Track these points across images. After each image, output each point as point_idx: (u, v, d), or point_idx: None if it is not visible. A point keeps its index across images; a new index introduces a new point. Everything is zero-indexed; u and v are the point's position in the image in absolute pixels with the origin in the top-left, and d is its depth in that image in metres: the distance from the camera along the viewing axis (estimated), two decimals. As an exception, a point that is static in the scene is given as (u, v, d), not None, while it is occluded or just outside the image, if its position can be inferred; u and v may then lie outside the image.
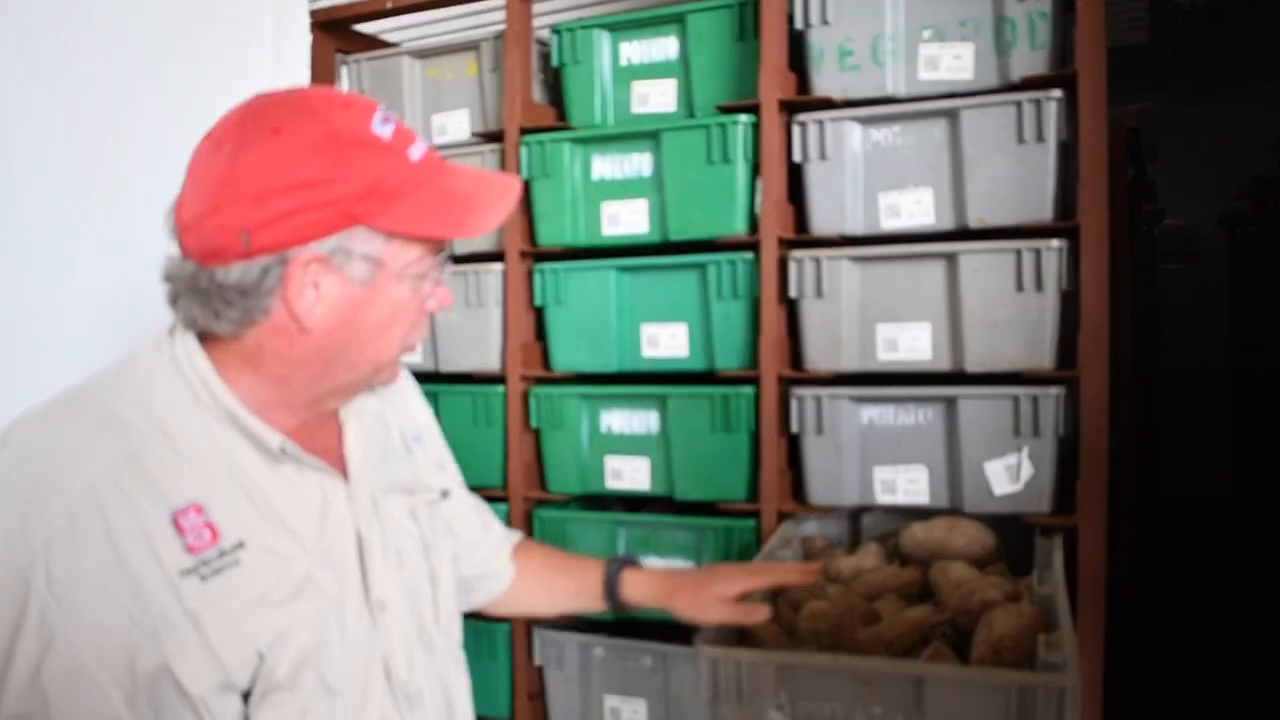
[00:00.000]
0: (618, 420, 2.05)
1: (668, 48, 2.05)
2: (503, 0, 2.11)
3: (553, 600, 1.41)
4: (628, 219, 2.02)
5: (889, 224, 1.82)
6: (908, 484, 1.81)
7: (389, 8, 2.30)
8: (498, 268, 2.13)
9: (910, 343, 1.80)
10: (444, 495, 1.18)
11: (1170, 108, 5.66)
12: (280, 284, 0.90)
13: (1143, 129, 3.43)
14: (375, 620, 1.01)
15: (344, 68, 2.41)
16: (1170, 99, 5.78)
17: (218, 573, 0.88)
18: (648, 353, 2.02)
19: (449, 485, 1.21)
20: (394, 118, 0.95)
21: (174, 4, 2.04)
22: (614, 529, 2.05)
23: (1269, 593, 3.87)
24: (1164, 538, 4.70)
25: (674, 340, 2.00)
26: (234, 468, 0.93)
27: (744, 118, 1.89)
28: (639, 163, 2.01)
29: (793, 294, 1.85)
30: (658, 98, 2.07)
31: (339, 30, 2.42)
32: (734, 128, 1.89)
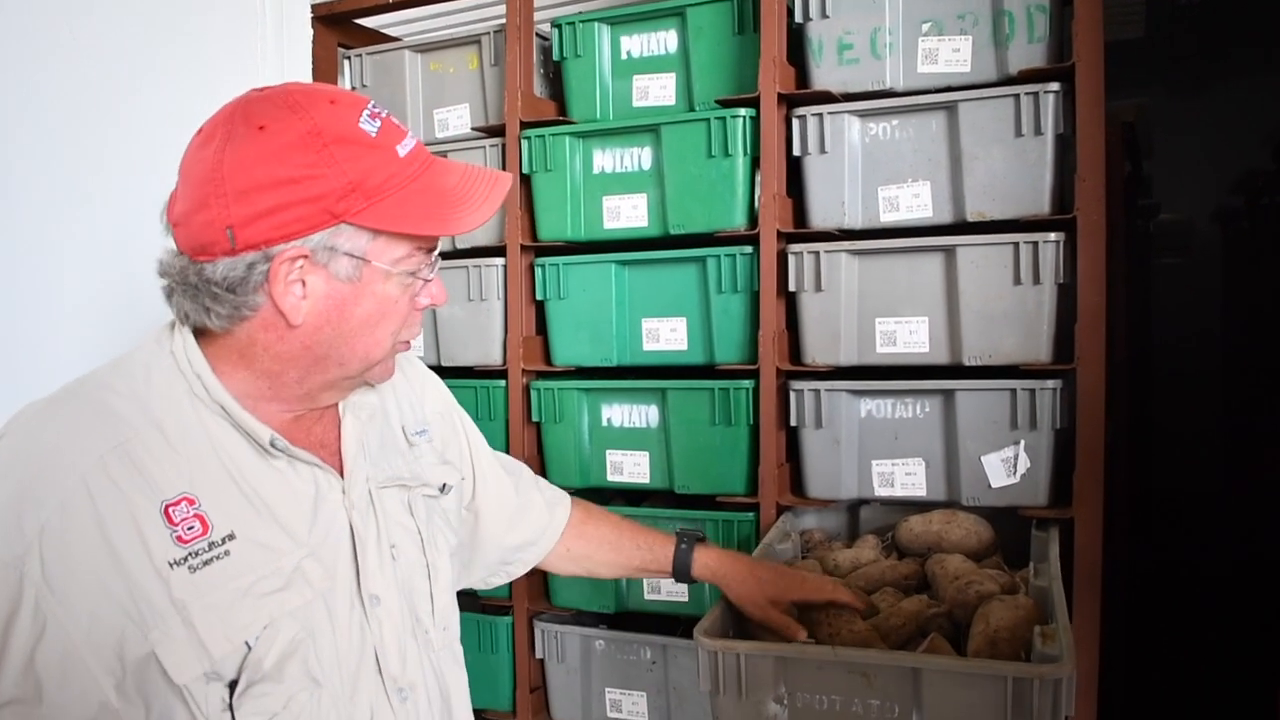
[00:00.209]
0: (618, 414, 2.06)
1: (667, 41, 2.05)
2: (503, -6, 2.11)
3: (620, 564, 1.47)
4: (628, 213, 2.03)
5: (888, 217, 1.83)
6: (905, 477, 1.82)
7: (390, 2, 2.30)
8: (499, 262, 2.13)
9: (908, 336, 1.81)
10: (443, 490, 1.19)
11: (1166, 102, 5.66)
12: (266, 280, 0.91)
13: (1139, 123, 3.43)
14: (367, 613, 1.01)
15: (346, 62, 2.42)
16: (1166, 93, 5.78)
17: (207, 564, 0.89)
18: (648, 346, 2.03)
19: (451, 480, 1.21)
20: (382, 113, 0.95)
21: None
22: (614, 522, 2.06)
23: (1262, 585, 3.89)
24: (1159, 530, 4.73)
25: (674, 334, 2.01)
26: (227, 461, 0.94)
27: (743, 111, 1.89)
28: (639, 156, 2.02)
29: (792, 287, 1.86)
30: (658, 91, 2.07)
31: (340, 24, 2.42)
32: (733, 121, 1.89)
